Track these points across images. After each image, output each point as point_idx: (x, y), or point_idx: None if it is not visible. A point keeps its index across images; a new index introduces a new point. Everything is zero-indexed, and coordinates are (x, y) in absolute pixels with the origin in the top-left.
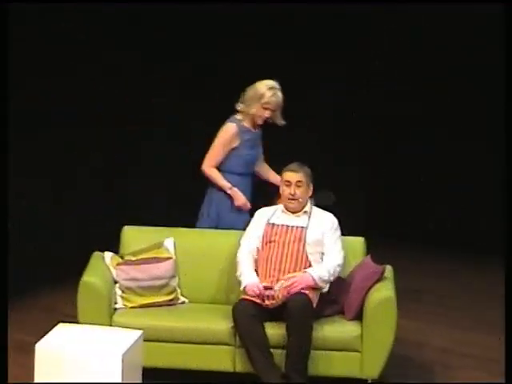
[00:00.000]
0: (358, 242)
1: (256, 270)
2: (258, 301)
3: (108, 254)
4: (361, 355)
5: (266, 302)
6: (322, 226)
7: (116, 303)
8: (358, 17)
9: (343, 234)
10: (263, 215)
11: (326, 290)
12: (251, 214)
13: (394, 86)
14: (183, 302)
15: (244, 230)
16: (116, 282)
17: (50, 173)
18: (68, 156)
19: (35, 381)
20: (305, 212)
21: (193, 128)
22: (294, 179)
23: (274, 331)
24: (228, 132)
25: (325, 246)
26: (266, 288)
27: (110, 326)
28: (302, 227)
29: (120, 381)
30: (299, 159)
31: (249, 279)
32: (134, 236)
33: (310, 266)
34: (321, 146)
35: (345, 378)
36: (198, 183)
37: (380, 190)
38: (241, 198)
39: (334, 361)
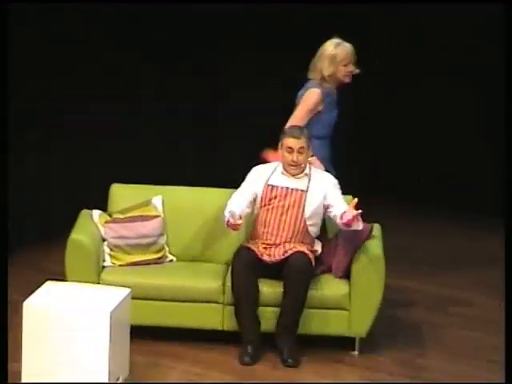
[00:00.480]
0: (348, 200)
1: (252, 233)
2: (259, 253)
3: (96, 212)
4: (349, 313)
5: (265, 258)
6: (322, 187)
7: (104, 261)
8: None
9: None
10: (261, 173)
11: (319, 252)
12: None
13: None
14: (171, 260)
15: None
16: (104, 240)
17: (41, 124)
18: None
19: (23, 338)
20: (305, 174)
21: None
22: (296, 146)
23: (271, 289)
24: (314, 97)
25: (330, 200)
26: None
27: (98, 283)
28: (302, 190)
29: (108, 338)
30: None
31: (228, 214)
32: (122, 194)
33: (307, 231)
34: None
35: (333, 336)
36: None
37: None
38: (317, 164)
39: (322, 319)
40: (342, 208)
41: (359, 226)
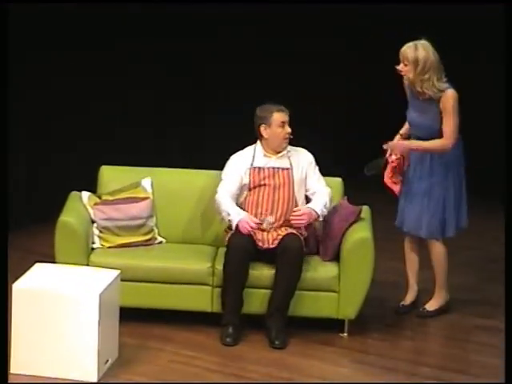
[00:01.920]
0: (337, 183)
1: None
2: (254, 237)
3: (85, 194)
4: (338, 295)
5: (259, 243)
6: (302, 163)
7: (93, 243)
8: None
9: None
10: (242, 160)
11: (306, 235)
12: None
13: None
14: (160, 242)
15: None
16: (93, 222)
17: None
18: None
19: (12, 320)
20: (287, 152)
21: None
22: (286, 118)
23: (263, 272)
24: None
25: (309, 184)
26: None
27: (87, 265)
28: (287, 168)
29: (97, 320)
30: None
31: (239, 216)
32: (111, 176)
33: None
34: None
35: (322, 318)
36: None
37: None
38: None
39: (312, 301)
40: (321, 195)
41: (315, 218)
